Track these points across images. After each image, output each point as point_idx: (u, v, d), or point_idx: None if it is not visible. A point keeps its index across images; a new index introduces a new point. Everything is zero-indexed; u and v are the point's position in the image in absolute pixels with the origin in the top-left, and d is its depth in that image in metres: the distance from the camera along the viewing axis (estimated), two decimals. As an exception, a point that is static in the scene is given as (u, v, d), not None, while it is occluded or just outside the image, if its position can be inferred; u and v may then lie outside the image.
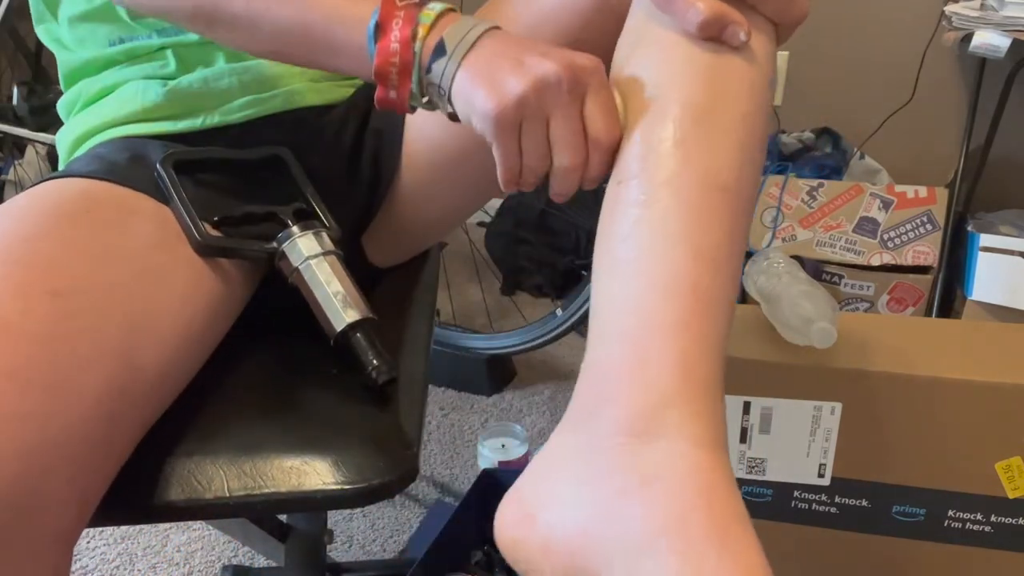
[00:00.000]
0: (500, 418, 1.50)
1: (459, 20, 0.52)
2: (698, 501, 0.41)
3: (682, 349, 0.45)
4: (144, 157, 0.66)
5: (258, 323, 0.69)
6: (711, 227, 0.48)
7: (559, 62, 0.49)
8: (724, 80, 0.50)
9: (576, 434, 0.46)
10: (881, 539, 0.97)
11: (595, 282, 0.50)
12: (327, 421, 0.60)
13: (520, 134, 0.50)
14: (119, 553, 1.22)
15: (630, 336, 0.46)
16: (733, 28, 0.50)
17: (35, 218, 0.55)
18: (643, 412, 0.43)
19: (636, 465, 0.43)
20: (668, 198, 0.48)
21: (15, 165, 1.98)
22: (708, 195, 0.48)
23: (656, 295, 0.46)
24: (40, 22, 0.75)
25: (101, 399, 0.49)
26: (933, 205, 1.57)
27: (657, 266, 0.47)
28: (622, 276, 0.48)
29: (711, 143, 0.49)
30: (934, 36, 1.71)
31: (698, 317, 0.46)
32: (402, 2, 0.53)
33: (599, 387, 0.46)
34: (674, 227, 0.47)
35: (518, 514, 0.47)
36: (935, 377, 0.88)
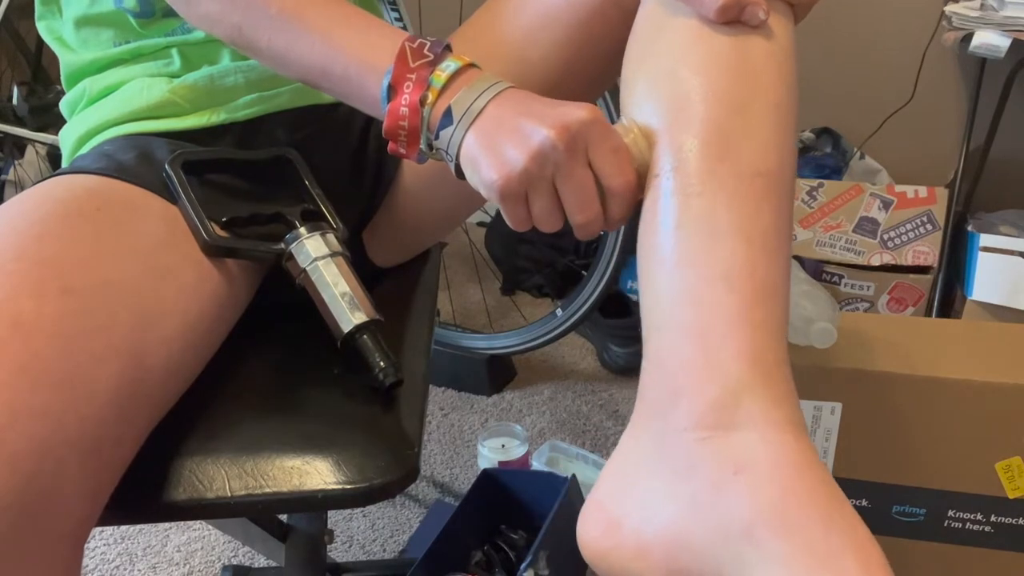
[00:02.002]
0: (500, 418, 1.50)
1: (471, 83, 0.52)
2: (794, 484, 0.40)
3: (748, 337, 0.44)
4: (151, 156, 0.66)
5: (260, 322, 0.69)
6: (759, 213, 0.47)
7: (552, 126, 0.48)
8: (752, 66, 0.50)
9: (649, 433, 0.46)
10: (881, 539, 0.96)
11: (643, 275, 0.49)
12: (328, 421, 0.60)
13: (528, 201, 0.51)
14: (119, 553, 1.22)
15: (693, 328, 0.45)
16: (752, 9, 0.50)
17: (46, 215, 0.55)
18: (719, 403, 0.43)
19: (723, 456, 0.42)
20: (713, 188, 0.47)
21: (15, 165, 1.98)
22: (752, 182, 0.48)
23: (714, 285, 0.46)
24: (42, 18, 0.75)
25: (112, 396, 0.49)
26: (933, 205, 1.57)
27: (710, 256, 0.46)
28: (674, 268, 0.47)
29: (749, 132, 0.49)
30: (934, 36, 1.71)
31: (759, 303, 0.45)
32: (415, 62, 0.53)
33: (667, 382, 0.45)
34: (722, 216, 0.47)
35: (603, 523, 0.46)
36: (935, 377, 0.88)
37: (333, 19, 0.57)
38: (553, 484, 1.01)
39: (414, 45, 0.53)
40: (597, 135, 0.49)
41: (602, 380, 1.59)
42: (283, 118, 0.72)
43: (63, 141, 0.75)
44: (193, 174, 0.65)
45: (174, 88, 0.70)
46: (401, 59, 0.53)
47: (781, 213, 0.49)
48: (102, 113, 0.71)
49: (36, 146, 1.95)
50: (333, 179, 0.74)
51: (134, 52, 0.71)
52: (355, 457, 0.57)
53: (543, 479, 1.04)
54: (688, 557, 0.42)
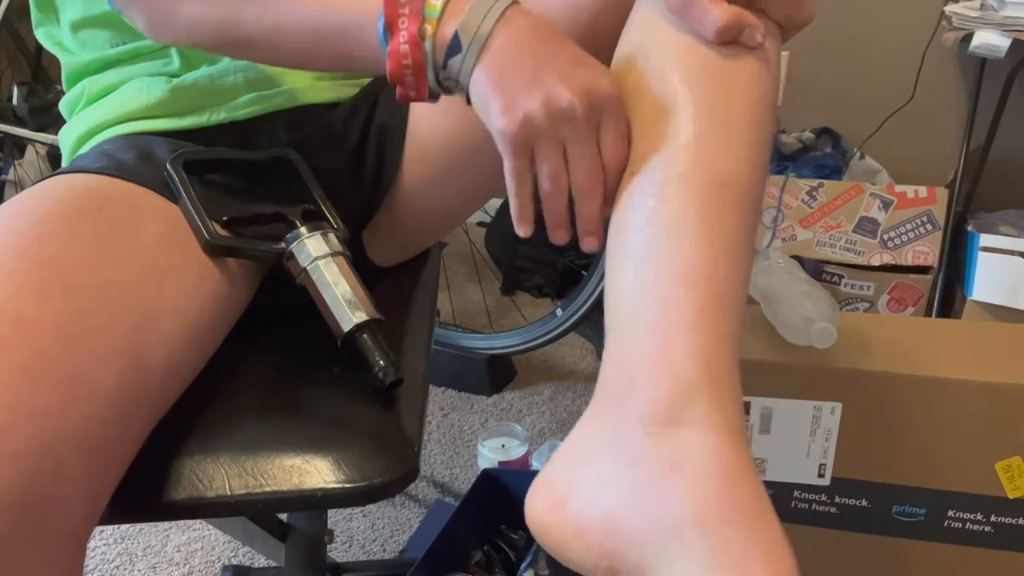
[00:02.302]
0: (500, 418, 1.50)
1: (469, 3, 0.51)
2: (723, 488, 0.43)
3: (703, 339, 0.46)
4: (151, 155, 0.66)
5: (261, 322, 0.69)
6: (723, 220, 0.49)
7: (577, 91, 0.49)
8: (737, 84, 0.52)
9: (604, 421, 0.48)
10: (881, 539, 0.97)
11: (610, 267, 0.51)
12: (328, 420, 0.60)
13: (534, 152, 0.51)
14: (119, 553, 1.22)
15: (652, 325, 0.47)
16: (750, 31, 0.51)
17: (47, 215, 0.55)
18: (668, 401, 0.45)
19: (664, 453, 0.44)
20: (681, 192, 0.49)
21: (15, 165, 1.98)
22: (719, 192, 0.50)
23: (675, 285, 0.47)
24: (39, 25, 0.75)
25: (113, 396, 0.49)
26: (933, 205, 1.57)
27: (674, 256, 0.48)
28: (639, 264, 0.49)
29: (722, 145, 0.51)
30: (934, 36, 1.71)
31: (715, 307, 0.47)
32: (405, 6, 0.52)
33: (624, 374, 0.47)
34: (688, 220, 0.49)
35: (550, 499, 0.48)
36: (935, 377, 0.88)
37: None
38: (553, 484, 1.01)
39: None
40: (614, 111, 0.51)
41: (602, 380, 1.58)
42: (282, 117, 0.72)
43: (63, 141, 0.75)
44: (194, 173, 0.65)
45: (173, 88, 0.70)
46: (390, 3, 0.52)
47: (745, 223, 0.51)
48: (101, 113, 0.71)
49: (36, 146, 1.95)
50: (333, 179, 0.74)
51: (132, 52, 0.71)
52: (355, 456, 0.57)
53: (543, 479, 1.04)
54: (621, 543, 0.44)
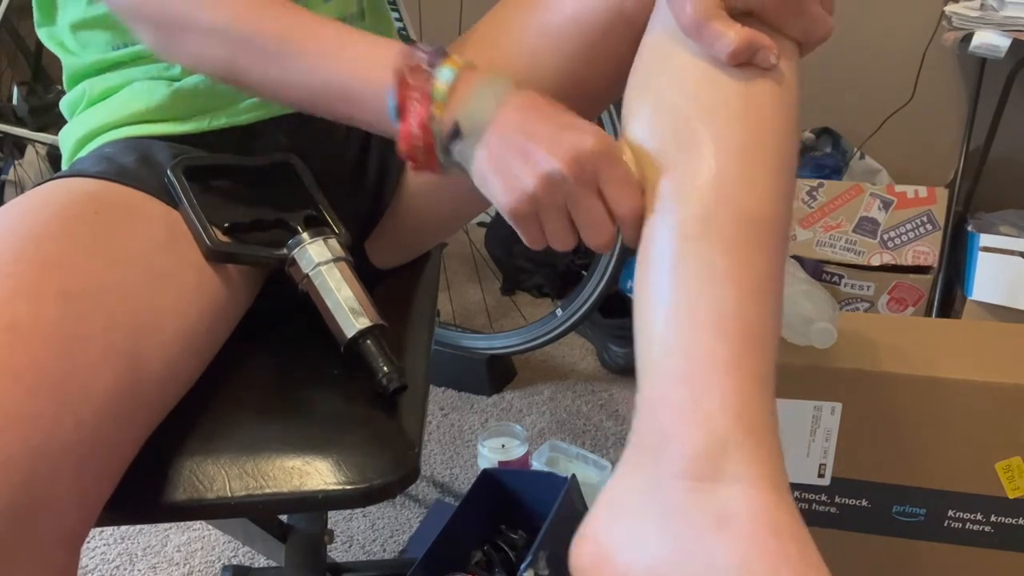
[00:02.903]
0: (500, 418, 1.50)
1: (471, 91, 0.52)
2: (769, 544, 0.43)
3: (735, 387, 0.46)
4: (152, 159, 0.66)
5: (261, 324, 0.69)
6: (753, 261, 0.49)
7: (563, 158, 0.49)
8: (758, 111, 0.51)
9: (642, 473, 0.48)
10: (881, 539, 0.97)
11: (638, 313, 0.51)
12: (328, 421, 0.60)
13: (541, 222, 0.52)
14: (119, 553, 1.22)
15: (683, 376, 0.47)
16: (764, 53, 0.51)
17: (45, 219, 0.55)
18: (706, 455, 0.45)
19: (708, 508, 0.44)
20: (708, 233, 0.49)
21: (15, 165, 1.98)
22: (747, 229, 0.49)
23: (706, 333, 0.47)
24: (41, 25, 0.75)
25: (108, 401, 0.49)
26: (933, 205, 1.57)
27: (703, 302, 0.48)
28: (667, 311, 0.49)
29: (748, 179, 0.50)
30: (934, 36, 1.71)
31: (748, 354, 0.47)
32: (414, 79, 0.53)
33: (657, 426, 0.47)
34: (718, 263, 0.48)
35: (596, 556, 0.48)
36: (935, 377, 0.88)
37: (324, 40, 0.57)
38: (553, 484, 1.01)
39: (411, 62, 0.53)
40: (607, 164, 0.50)
41: (602, 380, 1.59)
42: (284, 122, 0.72)
43: (63, 142, 0.75)
44: (195, 179, 0.65)
45: (175, 91, 0.70)
46: (400, 78, 0.53)
47: (775, 259, 0.50)
48: (102, 115, 0.71)
49: (36, 146, 1.95)
50: (335, 184, 0.73)
51: (134, 55, 0.71)
52: (355, 457, 0.57)
53: (543, 479, 1.04)
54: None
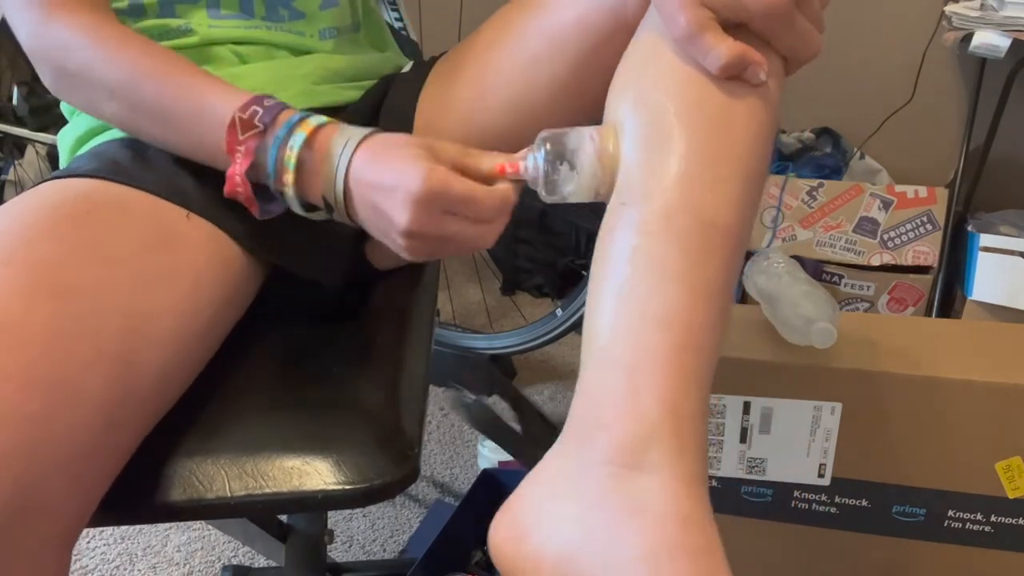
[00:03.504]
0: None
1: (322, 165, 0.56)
2: (677, 535, 0.44)
3: (672, 384, 0.47)
4: (147, 155, 0.66)
5: (260, 324, 0.69)
6: (706, 264, 0.50)
7: (406, 209, 0.53)
8: (733, 120, 0.52)
9: (571, 456, 0.49)
10: (881, 539, 0.97)
11: (591, 299, 0.52)
12: (328, 421, 0.60)
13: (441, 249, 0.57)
14: (119, 553, 1.22)
15: (623, 365, 0.48)
16: (753, 69, 0.51)
17: (37, 219, 0.55)
18: (631, 444, 0.46)
19: (624, 495, 0.45)
20: (666, 231, 0.50)
21: (15, 165, 1.98)
22: (705, 233, 0.50)
23: (651, 327, 0.48)
24: None
25: (102, 401, 0.49)
26: (933, 205, 1.57)
27: (653, 298, 0.49)
28: (618, 301, 0.50)
29: (713, 184, 0.51)
30: (934, 36, 1.71)
31: (689, 351, 0.48)
32: (244, 134, 0.56)
33: (593, 412, 0.48)
34: (671, 261, 0.49)
35: (512, 530, 0.49)
36: (935, 377, 0.88)
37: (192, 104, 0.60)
38: (553, 484, 1.01)
39: (244, 115, 0.56)
40: (443, 198, 0.53)
41: (602, 380, 1.58)
42: None
43: (61, 142, 0.74)
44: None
45: None
46: (231, 130, 0.56)
47: (728, 267, 0.51)
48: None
49: (36, 146, 1.95)
50: None
51: None
52: (355, 457, 0.57)
53: (543, 479, 1.04)
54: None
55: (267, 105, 0.57)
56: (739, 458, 0.95)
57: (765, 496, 0.97)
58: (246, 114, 0.56)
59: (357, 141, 0.56)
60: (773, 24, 0.52)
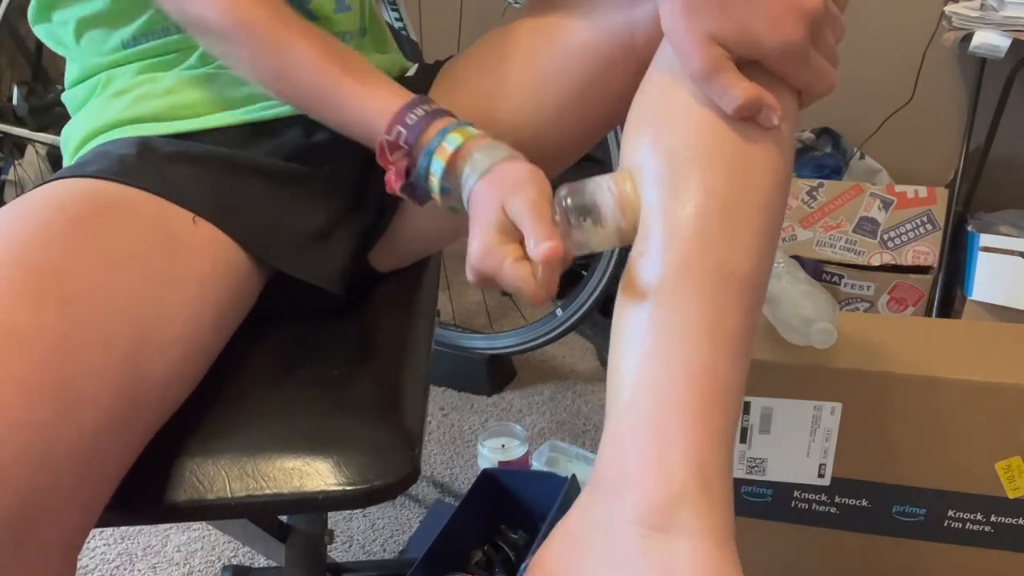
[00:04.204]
0: (500, 418, 1.50)
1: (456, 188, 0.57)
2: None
3: (698, 440, 0.48)
4: (153, 153, 0.65)
5: (261, 325, 0.69)
6: (727, 315, 0.50)
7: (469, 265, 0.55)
8: (751, 168, 0.52)
9: (599, 512, 0.49)
10: (881, 539, 0.97)
11: (613, 351, 0.52)
12: (329, 422, 0.60)
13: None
14: (119, 553, 1.22)
15: (649, 422, 0.48)
16: (767, 112, 0.51)
17: (44, 222, 0.54)
18: (661, 505, 0.46)
19: (655, 558, 0.46)
20: (687, 284, 0.50)
21: (15, 165, 1.97)
22: (725, 284, 0.50)
23: (675, 381, 0.49)
24: (36, 23, 0.74)
25: (110, 407, 0.48)
26: (933, 205, 1.57)
27: (676, 351, 0.49)
28: (641, 355, 0.50)
29: (732, 233, 0.51)
30: (934, 36, 1.71)
31: (713, 406, 0.48)
32: (392, 155, 0.58)
33: (621, 467, 0.49)
34: (692, 314, 0.50)
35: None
36: (935, 377, 0.88)
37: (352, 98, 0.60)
38: (553, 484, 1.01)
39: (391, 137, 0.58)
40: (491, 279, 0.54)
41: (602, 380, 1.58)
42: (295, 123, 0.71)
43: (65, 140, 0.73)
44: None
45: (184, 88, 0.69)
46: (381, 151, 0.58)
47: (749, 315, 0.51)
48: (107, 114, 0.70)
49: (36, 146, 1.95)
50: (343, 188, 0.73)
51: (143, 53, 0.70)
52: (355, 458, 0.57)
53: (543, 479, 1.04)
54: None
55: (410, 124, 0.57)
56: (739, 458, 0.95)
57: (765, 496, 0.97)
58: (391, 136, 0.58)
59: (478, 176, 0.56)
60: (788, 62, 0.52)
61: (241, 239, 0.64)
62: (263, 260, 0.66)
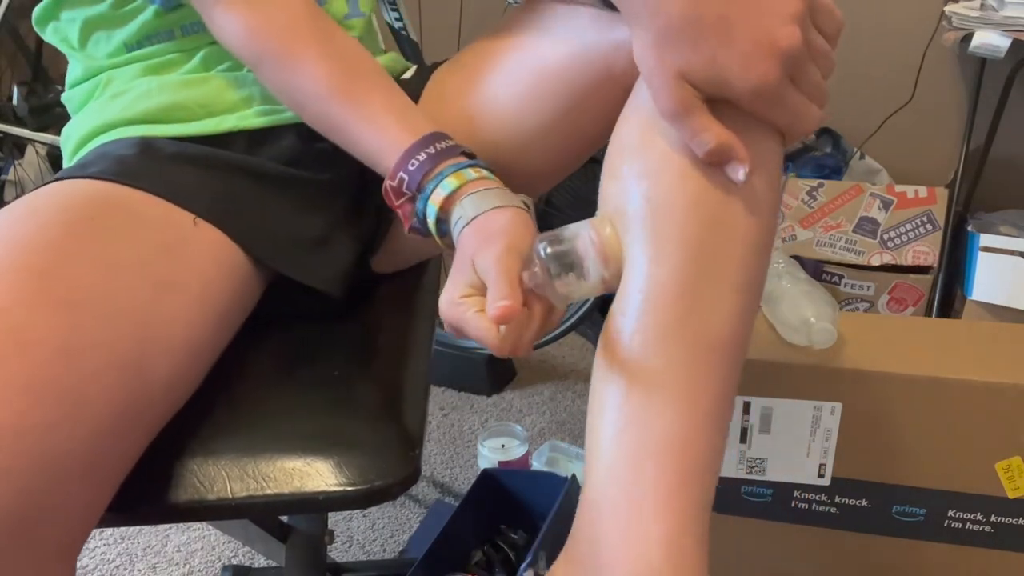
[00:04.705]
0: (500, 418, 1.50)
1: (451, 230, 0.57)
2: None
3: (675, 518, 0.48)
4: (153, 153, 0.65)
5: (261, 326, 0.69)
6: (708, 384, 0.50)
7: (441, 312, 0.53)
8: (734, 224, 0.50)
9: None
10: (881, 539, 0.97)
11: (593, 411, 0.52)
12: (329, 422, 0.60)
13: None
14: (119, 553, 1.22)
15: (624, 499, 0.49)
16: (734, 166, 0.49)
17: (44, 225, 0.54)
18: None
19: None
20: (665, 353, 0.49)
21: (15, 165, 1.97)
22: (706, 351, 0.50)
23: (651, 458, 0.49)
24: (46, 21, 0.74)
25: (112, 410, 0.48)
26: (933, 205, 1.57)
27: (654, 424, 0.49)
28: (618, 428, 0.50)
29: (712, 297, 0.50)
30: (934, 36, 1.71)
31: (691, 482, 0.48)
32: (397, 200, 0.59)
33: (596, 542, 0.50)
34: (671, 384, 0.49)
35: None
36: (935, 377, 0.88)
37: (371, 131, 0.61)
38: (553, 484, 1.01)
39: (394, 183, 0.58)
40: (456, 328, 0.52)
41: (602, 380, 1.59)
42: (295, 130, 0.70)
43: (65, 139, 0.73)
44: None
45: (184, 93, 0.69)
46: (387, 196, 0.59)
47: (729, 382, 0.51)
48: (107, 113, 0.69)
49: (36, 146, 1.95)
50: (341, 195, 0.73)
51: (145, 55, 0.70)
52: (356, 458, 0.57)
53: (543, 479, 1.04)
54: None
55: (412, 169, 0.57)
56: (739, 458, 0.95)
57: (765, 496, 0.97)
58: (395, 181, 0.58)
59: (464, 224, 0.56)
60: (761, 103, 0.49)
61: (242, 241, 0.64)
62: (264, 262, 0.66)
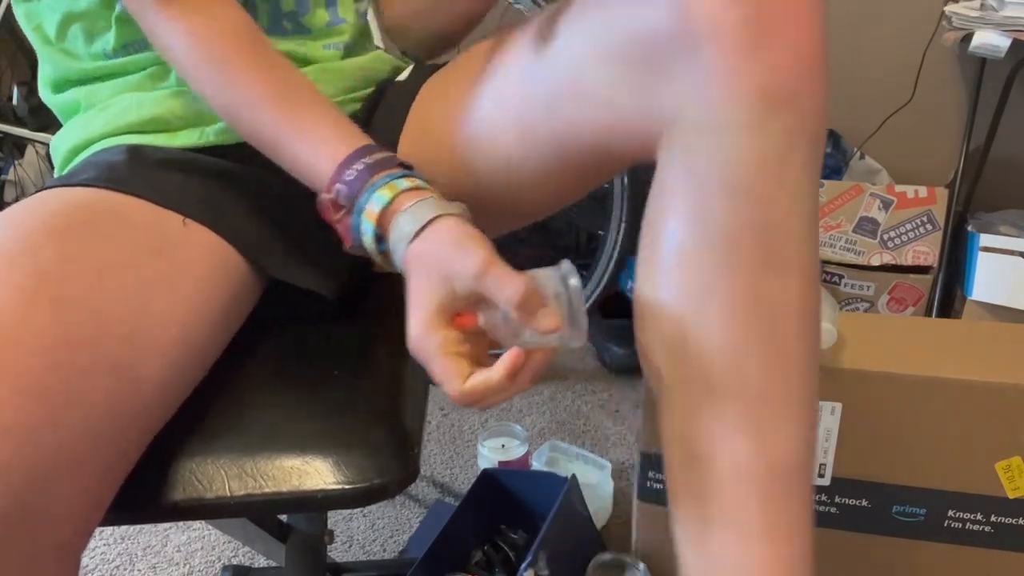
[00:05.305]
0: (500, 418, 1.50)
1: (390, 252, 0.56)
2: None
3: None
4: (143, 160, 0.65)
5: (260, 325, 0.69)
6: (787, 511, 0.52)
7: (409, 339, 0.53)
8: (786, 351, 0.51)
9: None
10: (881, 539, 0.97)
11: (681, 543, 0.55)
12: (328, 421, 0.60)
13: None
14: (119, 553, 1.22)
15: None
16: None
17: (35, 227, 0.54)
18: None
19: None
20: (741, 485, 0.51)
21: (15, 165, 1.98)
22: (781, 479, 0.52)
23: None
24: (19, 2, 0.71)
25: (104, 409, 0.48)
26: (933, 205, 1.57)
27: (741, 560, 0.52)
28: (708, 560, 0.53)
29: (782, 420, 0.52)
30: (934, 36, 1.71)
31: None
32: (334, 213, 0.57)
33: None
34: (754, 518, 0.51)
35: None
36: (935, 377, 0.88)
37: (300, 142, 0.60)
38: (553, 484, 1.01)
39: (331, 195, 0.57)
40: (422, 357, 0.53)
41: (602, 380, 1.59)
42: None
43: (55, 150, 0.73)
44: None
45: (168, 104, 0.68)
46: (325, 210, 0.58)
47: (805, 503, 0.53)
48: (96, 125, 0.69)
49: (36, 146, 1.95)
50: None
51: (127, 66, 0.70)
52: (355, 457, 0.57)
53: (543, 479, 1.04)
54: None
55: (348, 180, 0.56)
56: (739, 458, 0.95)
57: (765, 496, 0.97)
58: (332, 194, 0.57)
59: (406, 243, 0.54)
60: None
61: (234, 241, 0.64)
62: (258, 264, 0.66)
